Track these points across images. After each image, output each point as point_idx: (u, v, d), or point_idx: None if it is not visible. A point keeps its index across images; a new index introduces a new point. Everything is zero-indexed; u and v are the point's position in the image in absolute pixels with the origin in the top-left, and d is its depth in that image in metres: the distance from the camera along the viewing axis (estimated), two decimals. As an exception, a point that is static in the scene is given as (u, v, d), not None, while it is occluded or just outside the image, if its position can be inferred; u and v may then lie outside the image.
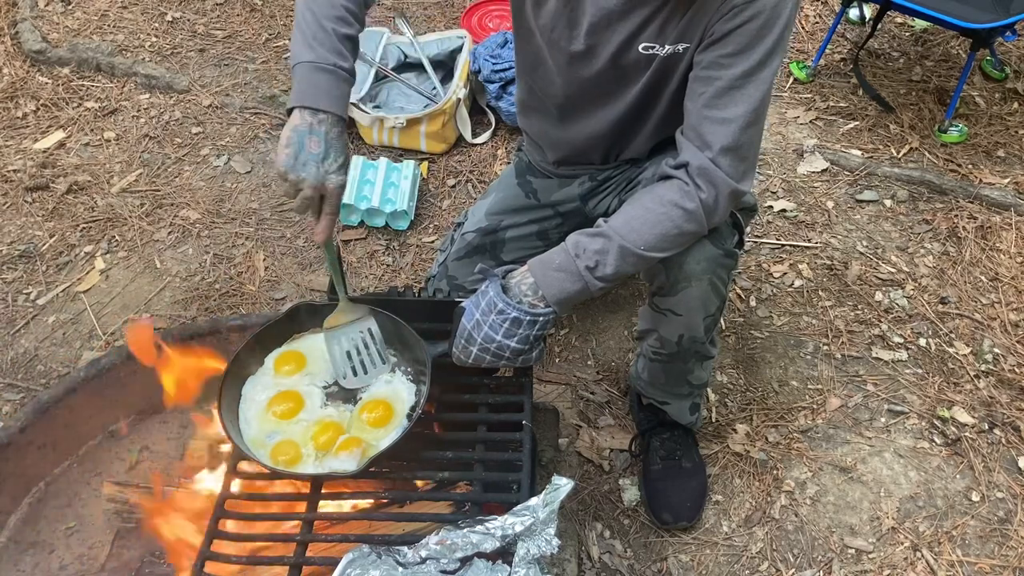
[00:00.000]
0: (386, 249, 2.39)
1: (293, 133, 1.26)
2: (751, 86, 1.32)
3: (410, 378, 1.44)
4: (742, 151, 1.35)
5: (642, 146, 1.63)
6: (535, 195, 1.79)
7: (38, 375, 2.07)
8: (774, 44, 1.31)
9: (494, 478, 1.36)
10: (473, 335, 1.35)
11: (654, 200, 1.37)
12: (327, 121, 1.27)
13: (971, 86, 2.88)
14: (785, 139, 2.72)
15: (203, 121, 2.78)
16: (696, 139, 1.36)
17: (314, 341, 1.48)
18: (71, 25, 3.14)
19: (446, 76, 2.77)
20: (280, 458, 1.32)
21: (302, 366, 1.45)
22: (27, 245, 2.38)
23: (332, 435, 1.35)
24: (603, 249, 1.34)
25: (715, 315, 1.55)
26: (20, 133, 2.73)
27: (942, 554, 1.76)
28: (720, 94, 1.33)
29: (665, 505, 1.80)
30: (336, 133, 1.28)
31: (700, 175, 1.34)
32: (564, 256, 1.36)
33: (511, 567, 1.14)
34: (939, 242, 2.39)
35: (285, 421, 1.38)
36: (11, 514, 1.62)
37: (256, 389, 1.42)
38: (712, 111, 1.34)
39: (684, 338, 1.56)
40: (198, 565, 1.24)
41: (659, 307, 1.54)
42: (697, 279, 1.46)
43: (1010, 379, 2.06)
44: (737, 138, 1.33)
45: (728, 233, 1.50)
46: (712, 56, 1.33)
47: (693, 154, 1.35)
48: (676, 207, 1.35)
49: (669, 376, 1.71)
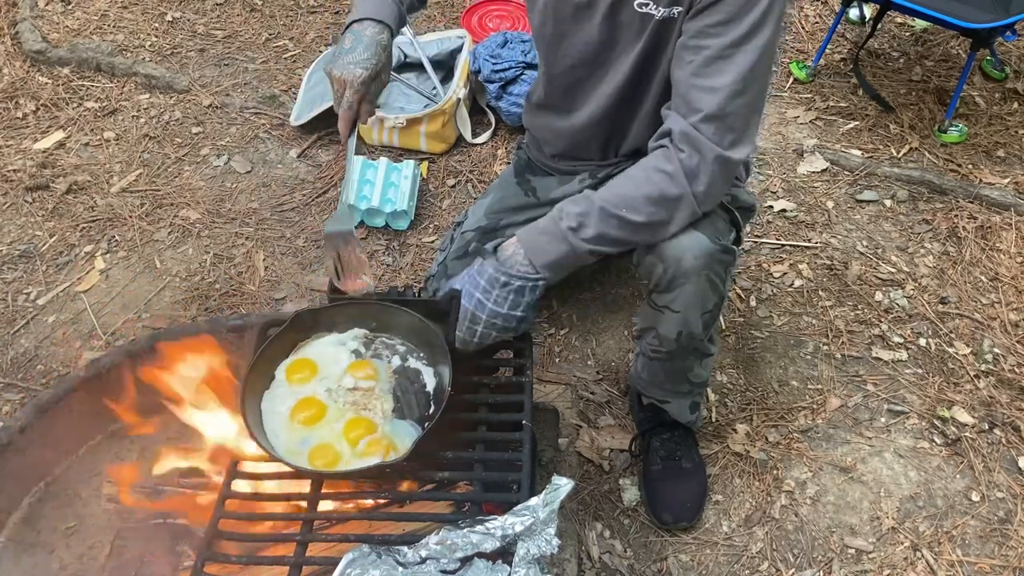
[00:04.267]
0: (386, 249, 2.39)
1: (339, 40, 1.42)
2: (740, 55, 1.32)
3: (425, 362, 1.45)
4: (728, 120, 1.34)
5: (640, 135, 1.63)
6: (534, 193, 1.79)
7: (38, 375, 2.07)
8: (763, 13, 1.31)
9: (494, 478, 1.36)
10: (477, 314, 1.37)
11: (637, 167, 1.40)
12: (368, 25, 1.41)
13: (971, 86, 2.88)
14: (785, 139, 2.72)
15: (203, 121, 2.78)
16: (682, 106, 1.36)
17: (321, 345, 1.49)
18: (71, 25, 3.14)
19: (446, 76, 2.77)
20: (318, 461, 1.33)
21: (315, 372, 1.45)
22: (27, 245, 2.38)
23: (363, 431, 1.36)
24: (585, 211, 1.36)
25: (713, 311, 1.55)
26: (20, 133, 2.73)
27: (942, 554, 1.76)
28: (708, 63, 1.33)
29: (665, 505, 1.80)
30: (372, 33, 1.41)
31: (682, 139, 1.35)
32: (548, 220, 1.40)
33: (511, 567, 1.14)
34: (939, 242, 2.39)
35: (313, 426, 1.39)
36: (11, 514, 1.62)
37: (275, 402, 1.42)
38: (699, 79, 1.34)
39: (682, 335, 1.56)
40: (198, 565, 1.24)
41: (657, 304, 1.54)
42: (695, 274, 1.45)
43: (1010, 379, 2.06)
44: (723, 106, 1.32)
45: (725, 229, 1.50)
46: (700, 24, 1.34)
47: (676, 121, 1.36)
48: (656, 171, 1.36)
49: (669, 374, 1.71)
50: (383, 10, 1.45)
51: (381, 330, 1.51)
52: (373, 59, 1.40)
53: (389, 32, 1.45)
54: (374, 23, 1.43)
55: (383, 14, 1.44)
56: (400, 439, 1.35)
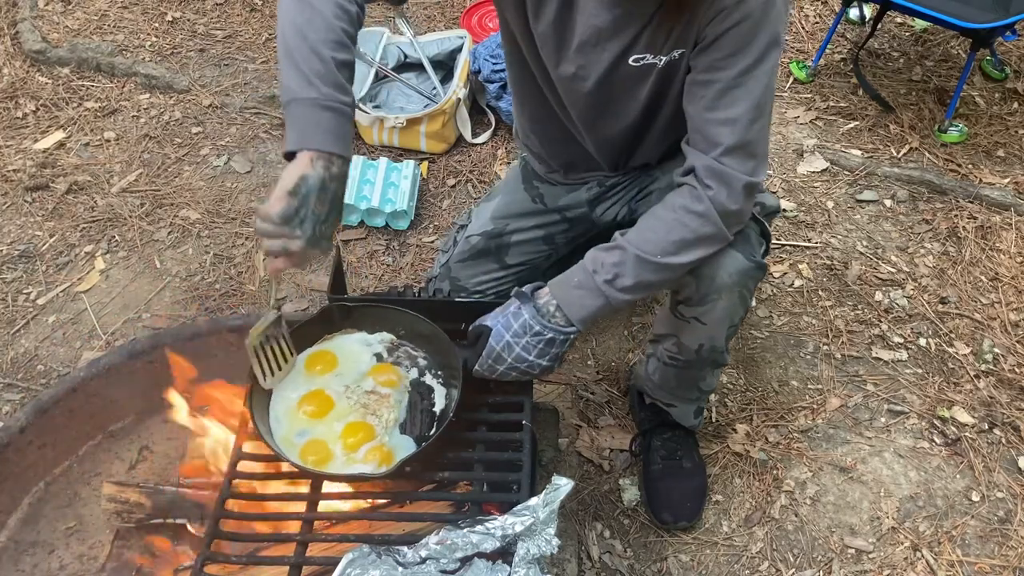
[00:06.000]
0: (386, 249, 2.39)
1: (302, 182, 1.14)
2: (751, 82, 1.30)
3: (440, 382, 1.45)
4: (750, 147, 1.33)
5: (651, 152, 1.62)
6: (542, 200, 1.78)
7: (38, 375, 2.07)
8: (769, 41, 1.29)
9: (494, 478, 1.36)
10: (503, 355, 1.35)
11: (665, 208, 1.36)
12: (335, 167, 1.17)
13: (971, 86, 2.88)
14: (785, 139, 2.72)
15: (203, 121, 2.78)
16: (701, 142, 1.34)
17: (347, 342, 1.49)
18: (71, 25, 3.14)
19: (446, 76, 2.77)
20: (309, 458, 1.33)
21: (333, 366, 1.46)
22: (27, 245, 2.38)
23: (362, 437, 1.35)
24: (620, 261, 1.32)
25: (737, 325, 1.55)
26: (20, 133, 2.73)
27: (942, 554, 1.76)
28: (720, 95, 1.31)
29: (665, 505, 1.80)
30: (340, 188, 1.19)
31: (707, 175, 1.32)
32: (583, 273, 1.35)
33: (511, 567, 1.14)
34: (939, 242, 2.39)
35: (316, 421, 1.39)
36: (11, 514, 1.62)
37: (287, 387, 1.42)
38: (714, 113, 1.32)
39: (704, 348, 1.56)
40: (198, 565, 1.24)
41: (683, 315, 1.52)
42: (728, 291, 1.44)
43: (1010, 379, 2.06)
44: (743, 136, 1.31)
45: (757, 243, 1.48)
46: (708, 60, 1.32)
47: (698, 157, 1.34)
48: (687, 211, 1.33)
49: (680, 381, 1.71)
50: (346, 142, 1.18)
51: (407, 338, 1.51)
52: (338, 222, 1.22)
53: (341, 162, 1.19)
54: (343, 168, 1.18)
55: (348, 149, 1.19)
56: (397, 452, 1.35)
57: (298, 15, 1.20)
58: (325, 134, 1.17)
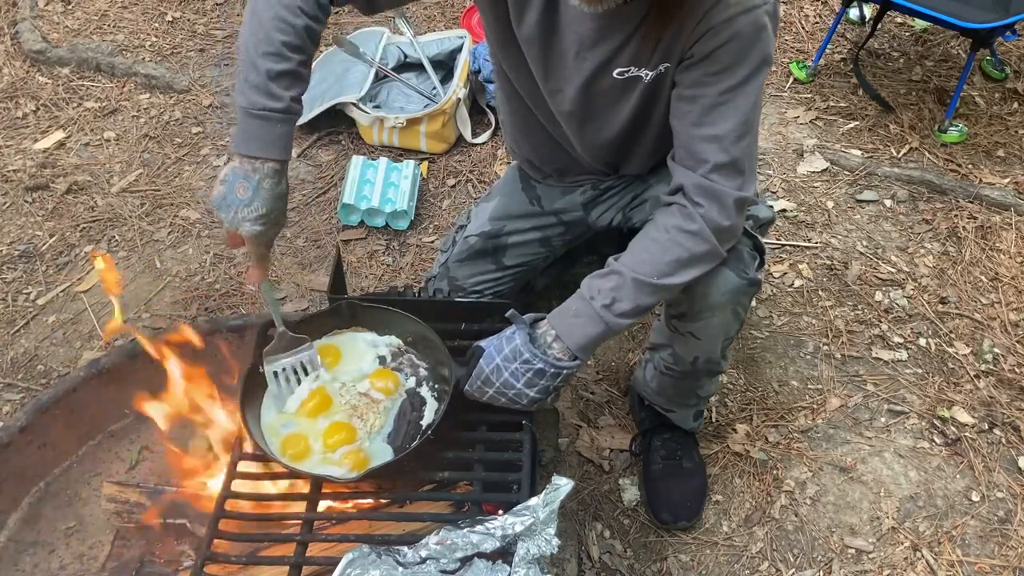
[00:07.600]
0: (386, 249, 2.39)
1: (230, 172, 1.28)
2: (739, 98, 1.29)
3: (435, 396, 1.45)
4: (737, 164, 1.31)
5: (642, 162, 1.61)
6: (539, 202, 1.78)
7: (38, 375, 2.07)
8: (759, 60, 1.28)
9: (494, 478, 1.36)
10: (491, 378, 1.34)
11: (657, 229, 1.34)
12: (262, 169, 1.26)
13: (971, 86, 2.88)
14: (785, 139, 2.72)
15: (203, 121, 2.78)
16: (688, 159, 1.33)
17: (355, 341, 1.50)
18: (71, 25, 3.14)
19: (446, 76, 2.77)
20: (288, 451, 1.33)
21: (337, 362, 1.46)
22: (27, 245, 2.38)
23: (342, 438, 1.35)
24: (617, 286, 1.32)
25: (733, 337, 1.55)
26: (20, 133, 2.73)
27: (942, 554, 1.76)
28: (707, 111, 1.30)
29: (665, 505, 1.80)
30: (270, 184, 1.27)
31: (697, 192, 1.31)
32: (580, 302, 1.34)
33: (511, 567, 1.14)
34: (939, 242, 2.39)
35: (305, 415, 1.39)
36: (11, 514, 1.62)
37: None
38: (701, 129, 1.31)
39: (700, 360, 1.56)
40: (198, 565, 1.24)
41: (678, 329, 1.52)
42: (721, 309, 1.44)
43: (1010, 379, 2.06)
44: (730, 153, 1.30)
45: (750, 259, 1.46)
46: (695, 76, 1.30)
47: (686, 175, 1.33)
48: (680, 231, 1.32)
49: (678, 389, 1.72)
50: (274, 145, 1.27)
51: (414, 346, 1.51)
52: (273, 212, 1.29)
53: (284, 167, 1.30)
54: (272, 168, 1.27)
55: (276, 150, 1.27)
56: (373, 459, 1.35)
57: (246, 28, 1.29)
58: (251, 140, 1.27)
